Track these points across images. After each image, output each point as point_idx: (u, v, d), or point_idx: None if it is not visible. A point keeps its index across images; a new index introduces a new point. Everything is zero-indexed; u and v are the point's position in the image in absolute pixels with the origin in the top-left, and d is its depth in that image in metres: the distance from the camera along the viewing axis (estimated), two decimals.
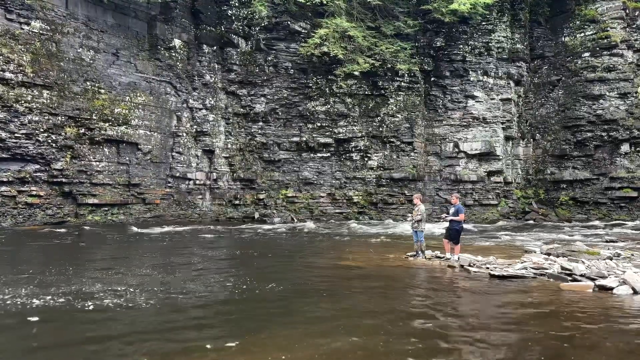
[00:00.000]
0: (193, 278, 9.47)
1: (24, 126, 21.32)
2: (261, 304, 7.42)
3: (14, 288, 7.76)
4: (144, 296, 7.46)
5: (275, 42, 29.37)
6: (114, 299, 7.19)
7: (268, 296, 7.95)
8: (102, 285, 8.25)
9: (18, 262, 11.33)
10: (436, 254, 12.99)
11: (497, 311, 7.35)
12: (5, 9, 20.82)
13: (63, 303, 6.96)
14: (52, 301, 7.03)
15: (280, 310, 7.08)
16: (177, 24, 27.54)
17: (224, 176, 29.51)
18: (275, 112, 29.66)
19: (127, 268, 10.56)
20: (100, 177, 24.30)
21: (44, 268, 10.06)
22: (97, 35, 24.33)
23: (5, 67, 20.65)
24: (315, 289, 8.66)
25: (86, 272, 9.84)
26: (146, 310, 6.71)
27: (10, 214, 21.15)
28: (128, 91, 25.44)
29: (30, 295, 7.34)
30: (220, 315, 6.77)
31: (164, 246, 15.44)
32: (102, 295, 7.47)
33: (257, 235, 19.62)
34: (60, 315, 6.43)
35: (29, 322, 6.01)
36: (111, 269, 10.23)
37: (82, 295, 7.42)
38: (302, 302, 7.63)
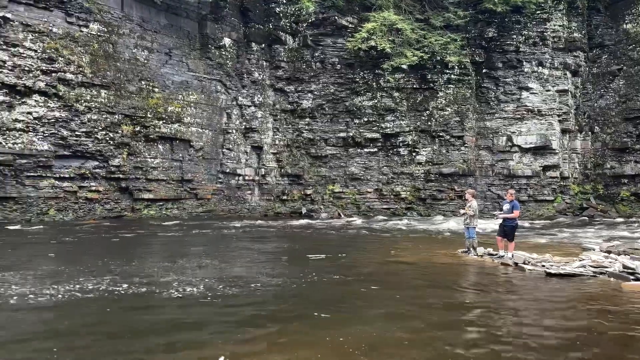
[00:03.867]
0: (256, 270, 9.65)
1: (84, 125, 22.40)
2: (313, 296, 7.46)
3: (99, 277, 8.17)
4: (222, 285, 7.69)
5: (322, 37, 29.42)
6: (194, 288, 7.43)
7: (321, 289, 7.97)
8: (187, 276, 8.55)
9: (92, 253, 11.93)
10: (488, 251, 12.62)
11: (557, 311, 7.05)
12: (65, 12, 21.91)
13: (146, 291, 7.27)
14: (136, 289, 7.36)
15: (331, 302, 7.08)
16: (227, 23, 28.10)
17: (272, 172, 29.91)
18: (322, 107, 29.72)
19: (204, 259, 10.90)
20: (155, 173, 25.19)
21: (118, 259, 10.54)
22: (151, 36, 25.19)
23: (66, 68, 21.74)
24: (363, 283, 8.61)
25: (158, 263, 10.23)
26: (227, 298, 6.90)
27: (72, 208, 22.31)
28: (180, 90, 26.21)
29: (114, 283, 7.71)
30: (279, 306, 6.86)
31: (221, 239, 15.84)
32: (178, 284, 7.73)
33: (305, 231, 19.76)
34: (152, 302, 6.72)
35: (130, 308, 6.34)
36: (199, 258, 10.59)
37: (160, 285, 7.73)
38: (350, 296, 7.60)
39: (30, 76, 20.68)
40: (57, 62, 21.42)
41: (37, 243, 13.93)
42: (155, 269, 9.40)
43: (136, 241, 15.22)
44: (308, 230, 20.05)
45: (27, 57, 20.61)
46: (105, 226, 19.26)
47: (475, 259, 12.10)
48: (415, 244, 15.03)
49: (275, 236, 17.36)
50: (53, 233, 16.37)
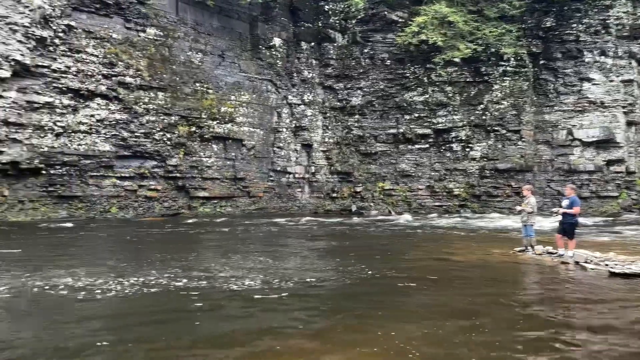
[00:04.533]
0: (308, 266, 9.76)
1: (143, 126, 23.37)
2: (367, 293, 7.45)
3: (160, 272, 8.53)
4: (277, 280, 7.85)
5: (371, 33, 29.21)
6: (252, 282, 7.63)
7: (374, 286, 7.95)
8: (236, 270, 8.79)
9: (152, 249, 12.47)
10: (547, 250, 12.10)
11: (625, 314, 6.66)
12: (124, 18, 22.91)
13: (206, 285, 7.54)
14: (196, 283, 7.65)
15: (379, 300, 7.04)
16: (277, 23, 28.48)
17: (322, 169, 30.05)
18: (372, 104, 29.52)
19: (259, 254, 11.16)
20: (210, 171, 25.93)
21: (176, 254, 10.96)
22: (205, 38, 25.90)
23: (126, 72, 22.75)
24: (415, 280, 8.49)
25: (214, 258, 10.56)
26: (283, 293, 7.04)
27: (132, 206, 23.34)
28: (233, 90, 26.83)
29: (175, 277, 8.04)
30: (332, 301, 6.91)
31: (272, 236, 16.11)
32: (236, 279, 7.96)
33: (355, 228, 19.71)
34: (213, 295, 6.98)
35: (192, 301, 6.62)
36: (256, 254, 10.88)
37: (219, 279, 7.99)
38: (403, 293, 7.52)
39: (93, 80, 21.79)
40: (117, 67, 22.45)
41: (101, 239, 14.67)
42: (212, 264, 9.69)
43: (192, 238, 15.74)
44: (358, 227, 19.99)
45: (89, 62, 21.72)
46: (163, 223, 20.02)
47: (533, 257, 11.64)
48: (469, 242, 14.65)
49: (326, 233, 17.43)
50: (115, 230, 17.20)
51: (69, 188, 21.32)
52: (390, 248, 13.73)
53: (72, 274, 8.21)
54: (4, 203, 19.49)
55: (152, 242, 14.38)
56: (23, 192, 20.12)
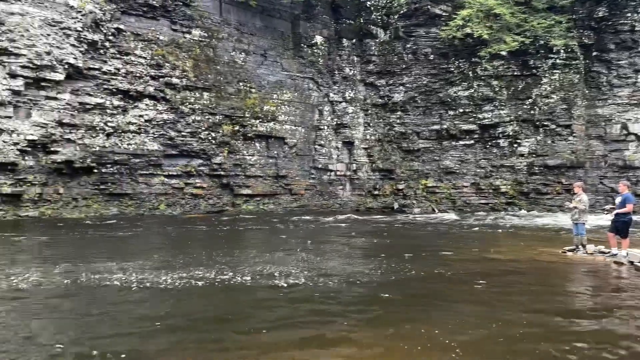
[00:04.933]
0: (351, 264, 9.76)
1: (189, 125, 23.98)
2: (411, 291, 7.37)
3: (207, 267, 8.77)
4: (321, 277, 7.91)
5: (414, 28, 28.78)
6: (296, 280, 7.73)
7: (418, 284, 7.85)
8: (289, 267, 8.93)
9: (199, 245, 12.81)
10: (599, 249, 11.57)
11: None
12: (170, 20, 23.57)
13: (251, 280, 7.70)
14: (241, 278, 7.82)
15: (425, 297, 6.94)
16: (318, 21, 28.56)
17: (363, 167, 29.91)
18: (414, 100, 29.09)
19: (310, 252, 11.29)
20: (253, 169, 26.32)
21: (222, 250, 11.23)
22: (248, 38, 26.29)
23: (172, 73, 23.40)
24: (459, 280, 8.32)
25: (258, 255, 10.74)
26: (328, 290, 7.10)
27: (179, 203, 24.01)
28: (275, 89, 27.11)
29: (221, 272, 8.24)
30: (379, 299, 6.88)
31: (317, 232, 16.21)
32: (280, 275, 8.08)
33: (397, 226, 19.51)
34: (259, 290, 7.12)
35: (239, 295, 6.79)
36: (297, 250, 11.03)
37: (264, 275, 8.13)
38: (447, 292, 7.38)
39: (141, 82, 22.53)
40: (164, 68, 23.12)
41: (149, 235, 15.17)
42: (257, 259, 9.84)
43: (236, 234, 16.03)
44: (401, 225, 19.78)
45: (137, 64, 22.48)
46: (208, 220, 20.49)
47: (584, 257, 11.17)
48: (517, 241, 14.21)
49: (368, 231, 17.34)
50: (162, 226, 17.74)
51: (119, 186, 22.15)
52: (435, 246, 13.51)
53: (123, 268, 8.53)
54: (59, 200, 20.48)
55: (198, 238, 14.75)
56: (77, 190, 21.07)
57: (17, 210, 19.14)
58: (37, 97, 19.66)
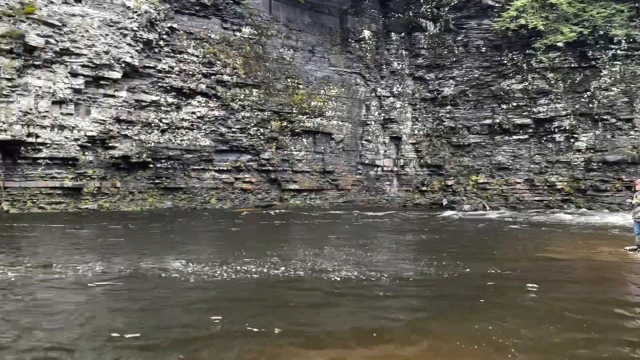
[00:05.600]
0: (402, 259, 9.72)
1: (239, 122, 24.48)
2: (463, 289, 7.26)
3: (260, 260, 8.97)
4: (373, 272, 7.94)
5: (465, 20, 28.06)
6: (349, 274, 7.81)
7: (470, 282, 7.72)
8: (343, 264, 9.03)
9: (249, 238, 13.11)
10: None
11: None
12: (221, 19, 24.07)
13: (304, 274, 7.83)
14: (294, 272, 7.97)
15: (478, 296, 6.81)
16: (367, 15, 28.39)
17: (411, 162, 29.54)
18: (465, 94, 28.40)
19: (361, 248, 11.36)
20: (300, 165, 26.57)
21: (271, 244, 11.45)
22: (296, 35, 26.50)
23: (223, 70, 23.91)
24: (512, 279, 8.09)
25: (307, 249, 10.89)
26: (381, 285, 7.14)
27: (229, 198, 24.58)
28: (322, 85, 27.20)
29: (274, 266, 8.41)
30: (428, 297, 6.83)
31: (361, 227, 16.20)
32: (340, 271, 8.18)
33: (446, 223, 19.17)
34: (314, 284, 7.25)
35: (293, 288, 6.95)
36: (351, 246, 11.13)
37: (316, 269, 8.24)
38: (499, 291, 7.20)
39: (194, 79, 23.16)
40: (215, 66, 23.66)
41: (202, 229, 15.62)
42: (307, 254, 9.95)
43: (284, 229, 16.25)
44: (450, 222, 19.43)
45: (190, 62, 23.11)
46: (257, 214, 20.86)
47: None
48: (574, 240, 13.65)
49: (416, 228, 17.14)
50: (213, 220, 18.23)
51: (173, 180, 22.91)
52: (487, 244, 13.20)
53: (179, 260, 8.84)
54: (117, 194, 21.41)
55: (248, 232, 15.06)
56: (133, 184, 21.96)
57: (77, 202, 20.18)
58: (96, 95, 20.61)
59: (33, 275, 7.45)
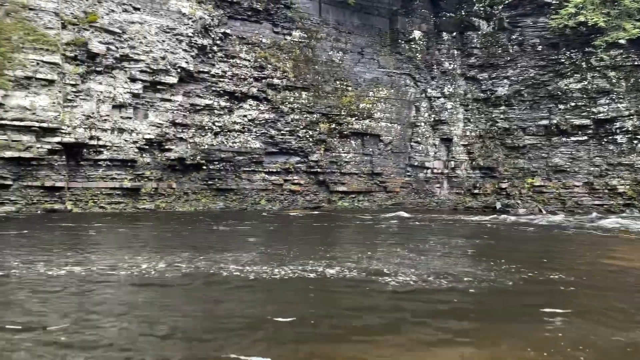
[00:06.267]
0: (458, 264, 9.54)
1: (288, 124, 24.77)
2: (524, 295, 7.03)
3: (315, 261, 9.05)
4: (432, 277, 7.85)
5: (520, 18, 27.21)
6: (407, 278, 7.77)
7: (532, 288, 7.46)
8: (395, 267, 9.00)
9: (301, 239, 13.23)
10: None
11: None
12: (272, 23, 24.44)
13: (358, 276, 7.83)
14: (349, 273, 7.99)
15: (542, 303, 6.56)
16: (417, 15, 28.07)
17: (462, 164, 28.91)
18: (520, 94, 27.51)
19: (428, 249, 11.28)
20: (348, 167, 26.56)
21: (322, 245, 11.52)
22: (345, 37, 26.55)
23: (273, 74, 24.27)
24: (578, 286, 7.73)
25: (359, 251, 10.88)
26: (443, 290, 7.06)
27: (278, 199, 24.90)
28: (371, 86, 27.10)
29: (329, 266, 8.44)
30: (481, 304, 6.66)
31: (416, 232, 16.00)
32: (393, 273, 8.15)
33: (500, 227, 18.60)
34: (373, 286, 7.26)
35: (352, 289, 7.00)
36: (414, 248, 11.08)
37: (371, 272, 8.22)
38: (564, 298, 6.90)
39: (245, 83, 23.64)
40: (266, 70, 24.06)
41: (252, 229, 15.87)
42: (359, 255, 9.91)
43: (334, 230, 16.27)
44: (504, 226, 18.84)
45: (242, 66, 23.60)
46: (305, 215, 21.00)
47: None
48: (638, 247, 12.93)
49: (469, 231, 16.72)
50: (263, 220, 18.49)
51: (225, 182, 23.45)
52: (547, 249, 12.71)
53: (237, 259, 9.02)
54: (172, 194, 22.13)
55: (299, 233, 15.18)
56: (188, 185, 22.64)
57: (136, 203, 20.99)
58: (154, 99, 21.39)
59: (102, 273, 7.79)
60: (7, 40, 17.85)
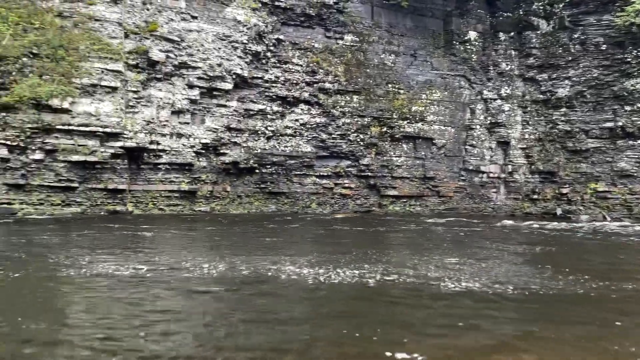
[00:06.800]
0: (521, 272, 9.21)
1: (339, 128, 24.78)
2: (599, 304, 6.66)
3: (371, 266, 9.00)
4: (497, 285, 7.63)
5: (582, 16, 26.00)
6: (468, 284, 7.60)
7: (603, 297, 7.06)
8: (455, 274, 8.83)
9: (353, 243, 13.18)
10: None
11: None
12: (324, 28, 24.58)
13: (417, 282, 7.71)
14: (407, 279, 7.89)
15: (618, 315, 6.19)
16: (472, 16, 27.43)
17: (520, 169, 27.90)
18: (582, 95, 26.25)
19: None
20: (400, 171, 26.24)
21: (376, 249, 11.43)
22: (398, 40, 26.30)
23: (325, 78, 24.38)
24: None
25: (414, 256, 10.72)
26: (509, 297, 6.85)
27: (329, 202, 24.94)
28: (424, 89, 26.68)
29: (386, 272, 8.34)
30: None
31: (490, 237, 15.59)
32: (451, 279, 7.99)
33: (562, 234, 17.77)
34: (434, 292, 7.15)
35: (413, 295, 6.94)
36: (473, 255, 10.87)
37: (430, 278, 8.07)
38: (636, 308, 6.48)
39: (297, 88, 23.88)
40: (318, 74, 24.21)
41: (308, 232, 15.95)
42: (415, 261, 9.73)
43: (387, 235, 16.07)
44: (566, 233, 17.98)
45: (294, 71, 23.86)
46: (357, 219, 20.89)
47: None
48: None
49: (528, 239, 16.08)
50: (316, 224, 18.54)
51: (277, 185, 23.75)
52: (614, 259, 12.02)
53: (294, 262, 9.07)
54: (227, 197, 22.63)
55: (352, 237, 15.10)
56: (241, 188, 23.09)
57: (192, 205, 21.61)
58: (210, 105, 21.99)
59: (166, 274, 8.04)
60: (75, 50, 18.88)
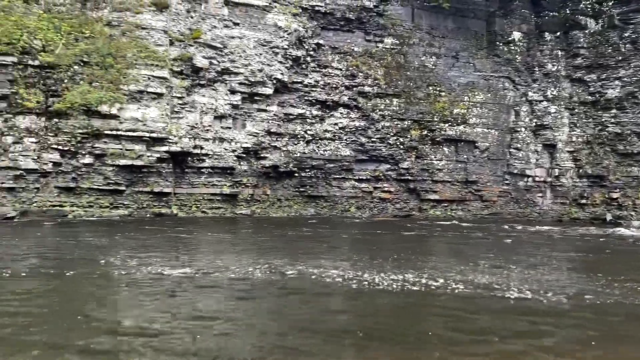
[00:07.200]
0: (574, 281, 8.90)
1: (378, 131, 24.64)
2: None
3: (418, 271, 8.92)
4: (550, 293, 7.41)
5: (633, 15, 24.94)
6: (520, 293, 7.42)
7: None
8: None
9: (397, 247, 13.07)
10: None
11: None
12: (364, 32, 24.53)
13: (465, 289, 7.56)
14: (455, 285, 7.76)
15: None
16: (516, 16, 26.74)
17: (568, 172, 26.92)
18: (634, 96, 25.11)
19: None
20: (440, 174, 25.82)
21: (420, 255, 11.29)
22: (439, 42, 25.93)
23: (365, 82, 24.31)
24: None
25: (460, 262, 10.53)
26: (558, 307, 6.67)
27: (368, 206, 24.83)
28: (466, 91, 26.18)
29: (433, 278, 8.23)
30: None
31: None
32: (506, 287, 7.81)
33: (613, 241, 17.01)
34: (489, 301, 7.02)
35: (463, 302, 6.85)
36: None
37: (479, 285, 7.91)
38: None
39: (337, 92, 23.91)
40: (357, 78, 24.16)
41: (349, 236, 15.91)
42: (462, 267, 9.53)
43: (429, 240, 15.83)
44: (617, 240, 17.20)
45: (334, 75, 23.91)
46: (396, 224, 20.67)
47: None
48: None
49: (577, 245, 15.48)
50: (356, 227, 18.47)
51: (316, 189, 23.83)
52: None
53: (337, 266, 9.06)
54: (267, 201, 22.87)
55: (394, 241, 14.95)
56: (281, 191, 23.29)
57: (234, 208, 21.96)
58: (251, 110, 22.31)
59: (211, 275, 8.19)
60: (123, 58, 19.55)
